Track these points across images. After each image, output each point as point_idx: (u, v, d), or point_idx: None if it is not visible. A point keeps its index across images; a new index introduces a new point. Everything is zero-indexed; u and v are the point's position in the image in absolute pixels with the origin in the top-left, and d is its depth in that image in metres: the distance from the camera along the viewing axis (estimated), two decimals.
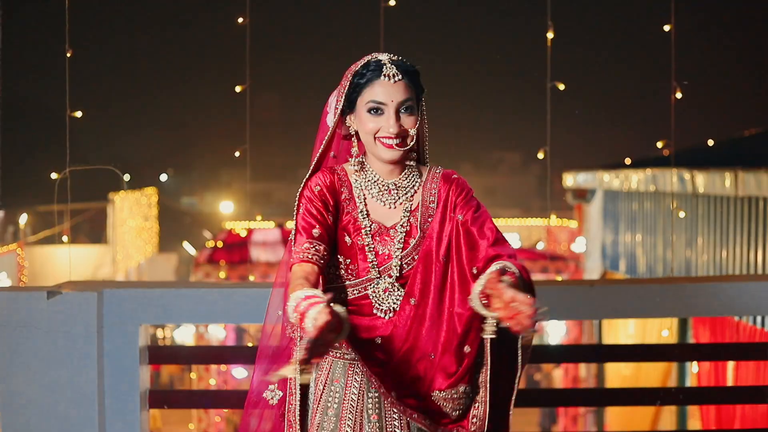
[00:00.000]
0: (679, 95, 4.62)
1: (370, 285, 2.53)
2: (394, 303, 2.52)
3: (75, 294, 3.71)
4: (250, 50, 5.15)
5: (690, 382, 9.38)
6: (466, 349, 2.46)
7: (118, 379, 3.75)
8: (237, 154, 5.35)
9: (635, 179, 12.10)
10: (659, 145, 5.07)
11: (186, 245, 28.91)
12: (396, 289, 2.52)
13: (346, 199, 2.56)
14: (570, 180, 15.11)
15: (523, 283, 2.39)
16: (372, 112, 2.50)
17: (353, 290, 2.54)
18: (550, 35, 4.69)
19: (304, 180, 2.59)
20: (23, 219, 23.40)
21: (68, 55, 4.44)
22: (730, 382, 7.49)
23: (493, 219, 2.58)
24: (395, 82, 2.49)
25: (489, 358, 2.45)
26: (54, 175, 4.38)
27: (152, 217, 29.10)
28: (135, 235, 26.18)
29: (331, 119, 2.60)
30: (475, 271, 2.46)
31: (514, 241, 25.94)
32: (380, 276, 2.52)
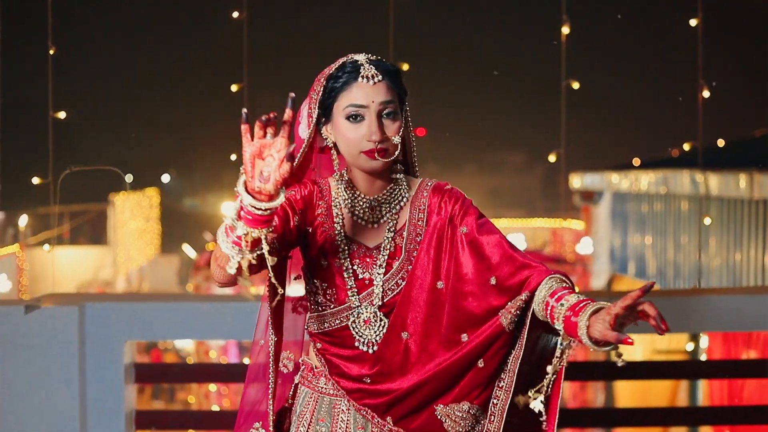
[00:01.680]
0: (707, 94, 4.33)
1: (351, 314, 2.24)
2: (376, 335, 2.24)
3: (55, 308, 3.46)
4: (248, 47, 4.91)
5: (701, 388, 9.15)
6: (480, 363, 2.18)
7: (102, 400, 3.51)
8: (233, 157, 5.08)
9: (645, 181, 11.86)
10: (686, 147, 4.80)
11: (186, 248, 28.66)
12: (378, 320, 2.24)
13: (322, 214, 2.27)
14: (577, 181, 14.89)
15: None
16: (351, 118, 2.21)
17: (333, 320, 2.27)
18: (565, 30, 4.41)
19: None
20: (23, 221, 23.20)
21: (51, 52, 4.21)
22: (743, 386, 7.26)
23: (497, 219, 2.28)
24: (375, 83, 2.20)
25: (513, 382, 2.18)
26: (36, 180, 4.14)
27: (154, 218, 28.92)
28: (136, 236, 26.02)
29: (304, 131, 2.31)
30: (493, 282, 2.17)
31: (520, 242, 25.70)
32: (360, 304, 2.24)
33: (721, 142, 11.07)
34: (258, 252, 1.93)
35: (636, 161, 13.39)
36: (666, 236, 11.54)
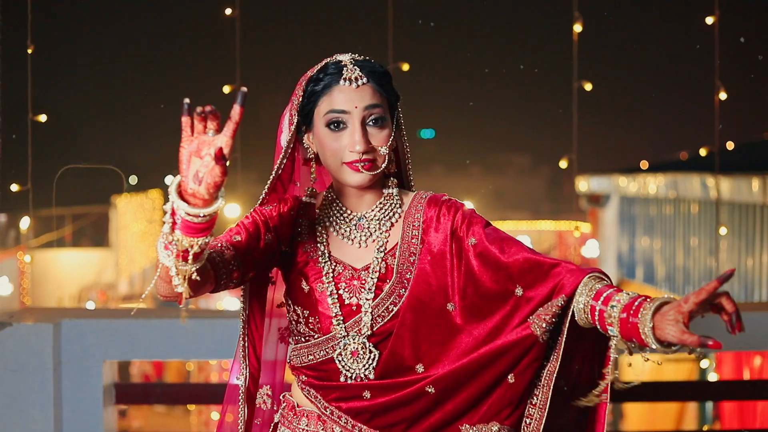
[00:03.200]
0: (723, 96, 4.08)
1: (337, 346, 1.98)
2: (365, 370, 1.98)
3: (28, 326, 3.23)
4: (241, 46, 4.69)
5: (711, 405, 8.93)
6: (510, 378, 1.91)
7: (80, 423, 3.30)
8: (227, 163, 4.84)
9: (653, 184, 11.64)
10: (703, 152, 4.58)
11: None
12: (368, 352, 1.97)
13: (303, 233, 2.03)
14: (583, 184, 14.67)
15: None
16: (332, 126, 1.97)
17: (317, 352, 2.01)
18: (577, 28, 4.16)
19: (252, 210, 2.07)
20: (25, 223, 23.03)
21: (29, 51, 4.00)
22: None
23: (502, 221, 2.01)
24: (358, 86, 1.95)
25: (548, 399, 1.91)
26: (15, 187, 3.93)
27: (157, 220, 28.73)
28: (139, 239, 25.84)
29: (285, 139, 2.06)
30: (519, 293, 1.89)
31: (526, 244, 25.42)
32: (347, 334, 1.98)
33: (730, 145, 10.84)
34: (198, 265, 1.66)
35: (644, 164, 13.18)
36: (675, 240, 11.32)
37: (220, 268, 1.82)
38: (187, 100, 1.59)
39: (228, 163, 1.58)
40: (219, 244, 1.87)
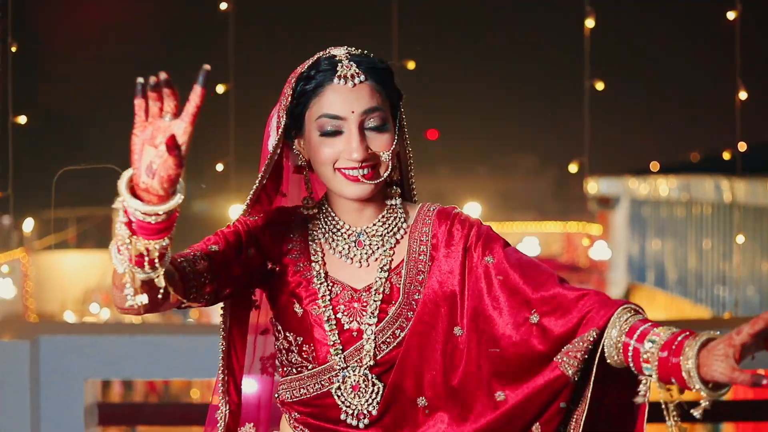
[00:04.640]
0: (743, 95, 3.87)
1: (335, 378, 1.75)
2: (369, 405, 1.75)
3: (3, 342, 3.04)
4: (236, 43, 4.51)
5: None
6: (535, 429, 1.69)
7: None
8: (220, 167, 4.65)
9: (665, 186, 11.45)
10: (726, 156, 4.39)
11: None
12: (370, 385, 1.74)
13: (295, 250, 1.80)
14: (593, 186, 14.49)
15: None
16: (325, 132, 1.73)
17: (312, 384, 1.78)
18: (589, 23, 3.94)
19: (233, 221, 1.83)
20: (28, 225, 22.88)
21: (12, 49, 3.81)
22: None
23: (509, 222, 1.78)
24: (355, 85, 1.71)
25: None
26: None
27: None
28: None
29: (272, 144, 1.81)
30: (534, 320, 1.67)
31: (534, 246, 25.26)
32: (347, 365, 1.75)
33: (742, 146, 10.62)
34: (156, 273, 1.42)
35: (654, 166, 12.98)
36: (687, 243, 11.12)
37: (189, 279, 1.60)
38: (140, 80, 1.34)
39: (184, 153, 1.32)
40: (192, 253, 1.65)
